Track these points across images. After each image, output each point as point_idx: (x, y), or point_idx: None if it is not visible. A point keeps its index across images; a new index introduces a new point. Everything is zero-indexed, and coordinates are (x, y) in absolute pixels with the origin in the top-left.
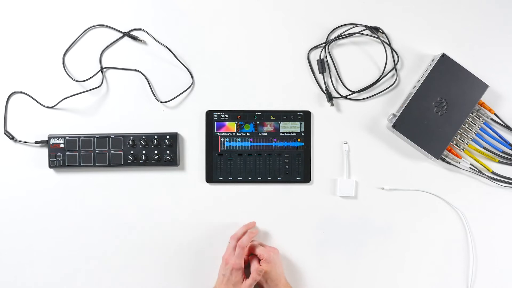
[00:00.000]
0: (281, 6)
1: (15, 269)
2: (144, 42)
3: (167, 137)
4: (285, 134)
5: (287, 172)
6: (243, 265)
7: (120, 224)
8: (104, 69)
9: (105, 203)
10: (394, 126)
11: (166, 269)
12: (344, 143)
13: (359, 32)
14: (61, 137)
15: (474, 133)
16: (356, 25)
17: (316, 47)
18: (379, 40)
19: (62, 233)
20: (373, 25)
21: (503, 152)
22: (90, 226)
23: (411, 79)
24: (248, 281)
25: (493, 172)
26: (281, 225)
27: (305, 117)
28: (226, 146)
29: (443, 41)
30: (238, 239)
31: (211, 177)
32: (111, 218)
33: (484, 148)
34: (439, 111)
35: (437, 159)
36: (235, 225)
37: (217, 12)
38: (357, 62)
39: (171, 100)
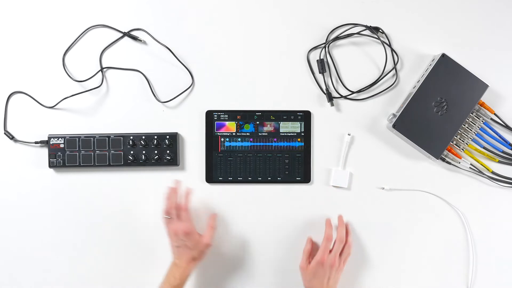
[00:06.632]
0: (280, 6)
1: (15, 269)
2: (144, 42)
3: (167, 137)
4: (285, 134)
5: (287, 172)
6: (194, 227)
7: (120, 223)
8: (104, 69)
9: (105, 203)
10: (394, 126)
11: (165, 267)
12: (348, 134)
13: (358, 33)
14: (61, 137)
15: (474, 133)
16: (356, 25)
17: (316, 47)
18: (379, 40)
19: (62, 232)
20: (373, 25)
21: (503, 152)
22: (90, 226)
23: (411, 79)
24: (208, 232)
25: (493, 172)
26: (281, 225)
27: (305, 117)
28: (226, 146)
29: (443, 41)
30: (178, 207)
31: (211, 177)
32: (111, 218)
33: (484, 148)
34: (439, 111)
35: (437, 159)
36: (235, 225)
37: (217, 12)
38: (357, 62)
39: (171, 100)
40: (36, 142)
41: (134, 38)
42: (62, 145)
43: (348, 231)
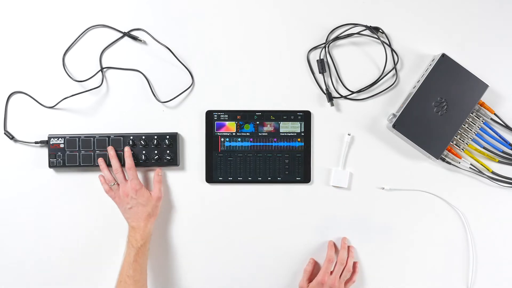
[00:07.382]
0: (280, 6)
1: (15, 269)
2: (144, 42)
3: (167, 137)
4: (285, 134)
5: (287, 172)
6: (141, 183)
7: (120, 224)
8: (104, 69)
9: (105, 203)
10: (394, 126)
11: (166, 268)
12: (348, 134)
13: (358, 33)
14: (61, 137)
15: (474, 133)
16: (356, 25)
17: (316, 47)
18: (379, 40)
19: (62, 232)
20: (373, 25)
21: (503, 152)
22: (90, 226)
23: (411, 79)
24: (156, 186)
25: (493, 172)
26: (281, 225)
27: (305, 117)
28: (226, 146)
29: (443, 41)
30: (122, 170)
31: (211, 177)
32: (111, 218)
33: (484, 148)
34: (439, 111)
35: (437, 159)
36: (235, 225)
37: (217, 12)
38: (357, 62)
39: (171, 100)
40: (36, 142)
41: (134, 38)
42: (62, 145)
43: (349, 255)
